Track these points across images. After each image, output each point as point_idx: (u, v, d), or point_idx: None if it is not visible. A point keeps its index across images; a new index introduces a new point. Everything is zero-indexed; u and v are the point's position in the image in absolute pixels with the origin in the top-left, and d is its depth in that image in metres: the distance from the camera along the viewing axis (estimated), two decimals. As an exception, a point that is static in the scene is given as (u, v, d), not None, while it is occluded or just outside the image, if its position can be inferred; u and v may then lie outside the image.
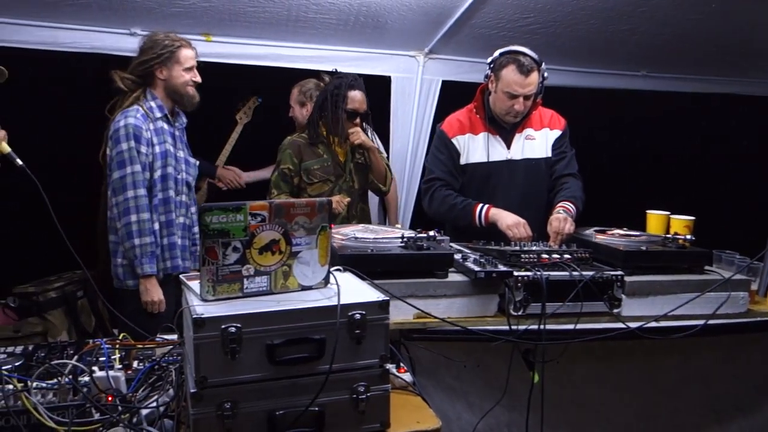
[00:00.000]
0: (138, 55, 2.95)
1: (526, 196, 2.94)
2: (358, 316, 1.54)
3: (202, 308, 1.48)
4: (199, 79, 2.99)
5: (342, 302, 1.53)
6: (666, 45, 4.02)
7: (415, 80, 4.17)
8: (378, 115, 4.13)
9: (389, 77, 4.17)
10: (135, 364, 1.83)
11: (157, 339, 2.14)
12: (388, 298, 1.59)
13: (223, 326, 1.44)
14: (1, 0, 3.11)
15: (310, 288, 1.66)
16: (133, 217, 2.79)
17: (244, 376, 1.48)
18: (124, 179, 2.79)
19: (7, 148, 2.26)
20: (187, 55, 2.95)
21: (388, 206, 4.09)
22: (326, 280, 1.68)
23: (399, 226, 2.79)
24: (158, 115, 2.92)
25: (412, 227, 3.42)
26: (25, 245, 3.61)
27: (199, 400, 1.45)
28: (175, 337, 2.13)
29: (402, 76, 4.18)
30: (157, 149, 2.88)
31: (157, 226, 2.88)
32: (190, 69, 2.95)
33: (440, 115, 4.18)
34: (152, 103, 2.92)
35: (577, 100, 4.22)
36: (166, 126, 2.95)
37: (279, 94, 3.90)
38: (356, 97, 3.35)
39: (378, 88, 4.17)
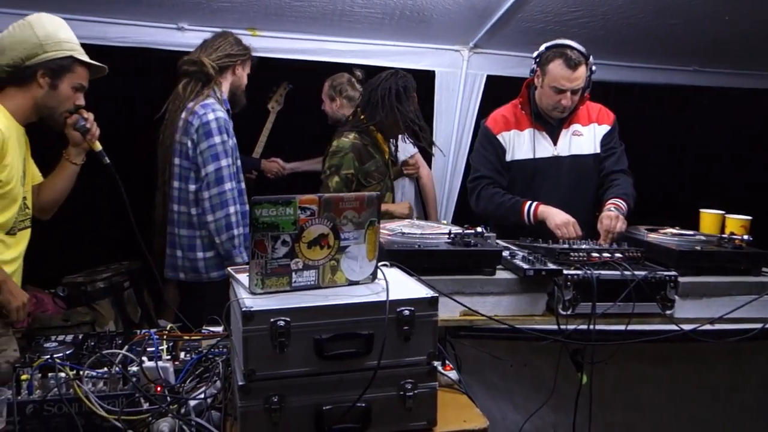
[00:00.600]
0: (219, 48, 2.95)
1: (572, 193, 2.88)
2: (406, 313, 1.52)
3: (251, 301, 1.48)
4: None
5: (391, 298, 1.51)
6: (719, 39, 3.89)
7: (459, 75, 4.12)
8: (421, 111, 4.12)
9: (433, 72, 4.12)
10: (182, 355, 1.85)
11: (203, 331, 2.16)
12: (437, 294, 1.57)
13: (272, 320, 1.44)
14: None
15: (357, 283, 1.65)
16: (232, 209, 2.81)
17: (292, 370, 1.47)
18: (220, 172, 2.79)
19: (98, 146, 2.32)
20: (251, 62, 3.06)
21: (426, 201, 4.05)
22: (374, 276, 1.67)
23: (445, 222, 2.75)
24: (227, 107, 2.95)
25: (454, 223, 3.39)
26: (74, 236, 3.68)
27: (247, 393, 1.45)
28: (220, 329, 2.15)
29: (446, 70, 4.13)
30: (232, 142, 2.90)
31: None
32: (247, 75, 3.06)
33: (484, 110, 4.13)
34: (223, 96, 2.95)
35: (626, 96, 4.13)
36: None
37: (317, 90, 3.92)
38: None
39: (422, 83, 4.13)
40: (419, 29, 3.80)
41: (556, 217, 2.67)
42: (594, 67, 2.81)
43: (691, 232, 2.59)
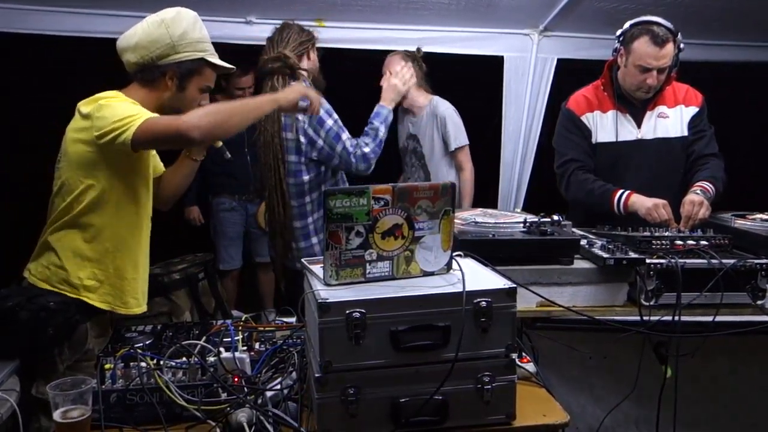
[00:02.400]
0: (287, 39, 2.92)
1: (658, 178, 2.73)
2: (484, 304, 1.48)
3: (326, 293, 1.48)
4: None
5: (467, 289, 1.48)
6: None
7: (528, 59, 4.02)
8: (491, 96, 4.04)
9: (502, 57, 4.03)
10: (257, 346, 1.86)
11: (277, 322, 2.17)
12: (515, 285, 1.53)
13: (347, 311, 1.43)
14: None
15: (432, 274, 1.62)
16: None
17: (368, 362, 1.46)
18: (346, 148, 2.79)
19: (220, 142, 2.36)
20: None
21: (462, 197, 3.88)
22: (449, 266, 1.64)
23: (517, 211, 2.69)
24: None
25: (525, 210, 3.31)
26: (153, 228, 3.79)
27: (324, 385, 1.45)
28: (293, 320, 2.17)
29: (515, 55, 4.04)
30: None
31: None
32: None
33: (555, 94, 4.03)
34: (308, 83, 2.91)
35: (712, 76, 3.93)
36: None
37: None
38: None
39: (490, 68, 4.07)
40: (487, 14, 3.72)
41: (647, 201, 2.53)
42: (682, 45, 2.66)
43: (783, 218, 2.44)
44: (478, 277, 1.60)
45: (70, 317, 1.96)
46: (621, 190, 2.63)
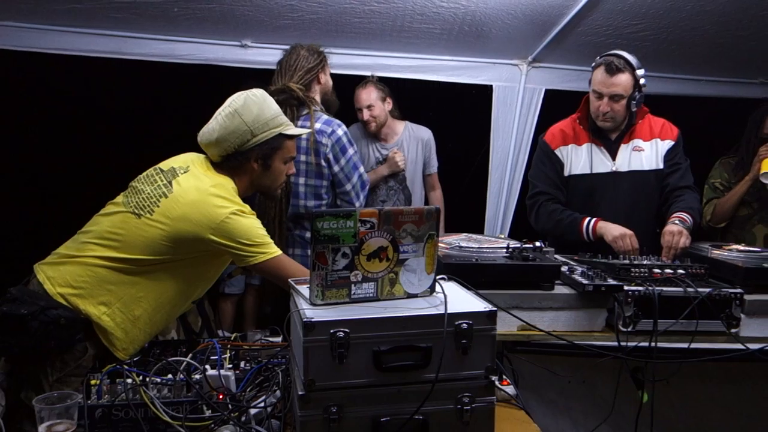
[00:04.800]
0: (295, 66, 2.98)
1: (632, 210, 2.82)
2: (464, 326, 1.53)
3: (311, 312, 1.51)
4: None
5: (449, 311, 1.52)
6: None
7: (517, 89, 4.11)
8: (479, 125, 4.12)
9: (491, 86, 4.12)
10: (242, 364, 1.89)
11: (263, 341, 2.21)
12: (495, 308, 1.57)
13: (332, 330, 1.46)
14: (125, 16, 3.30)
15: (415, 296, 1.66)
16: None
17: (351, 381, 1.49)
18: (361, 178, 2.95)
19: None
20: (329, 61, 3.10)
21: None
22: (432, 289, 1.68)
23: (502, 236, 2.74)
24: None
25: (510, 236, 3.37)
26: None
27: (307, 403, 1.48)
28: (279, 339, 2.20)
29: (504, 85, 4.11)
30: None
31: None
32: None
33: (543, 124, 4.11)
34: (323, 108, 3.00)
35: (691, 109, 4.04)
36: None
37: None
38: None
39: (479, 97, 4.15)
40: (477, 44, 3.81)
41: (614, 230, 2.64)
42: (644, 80, 2.75)
43: (757, 249, 2.51)
44: (460, 299, 1.64)
45: (75, 334, 1.98)
46: (588, 218, 2.74)
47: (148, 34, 3.50)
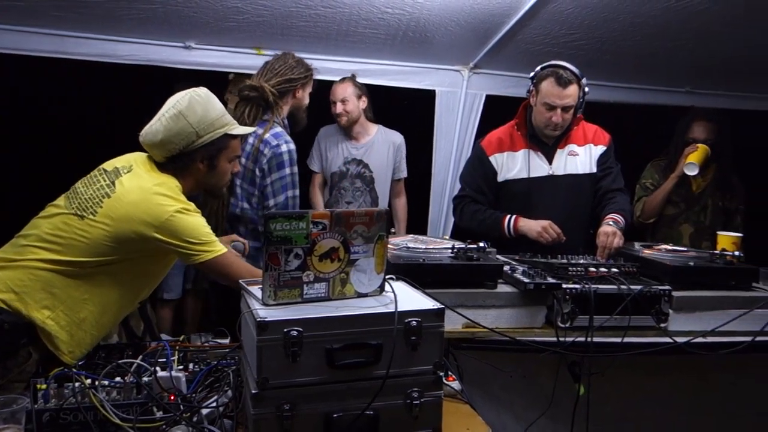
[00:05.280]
0: (278, 71, 2.97)
1: (569, 212, 2.94)
2: (414, 323, 1.58)
3: (264, 312, 1.54)
4: None
5: (399, 309, 1.58)
6: (712, 62, 3.99)
7: (459, 94, 4.21)
8: (423, 129, 4.20)
9: (434, 91, 4.21)
10: (190, 366, 1.90)
11: (210, 343, 2.21)
12: (443, 306, 1.64)
13: (285, 330, 1.50)
14: (67, 15, 3.24)
15: (366, 295, 1.71)
16: None
17: (304, 378, 1.53)
18: (286, 203, 2.83)
19: None
20: (313, 82, 3.09)
21: (401, 215, 4.16)
22: (381, 288, 1.73)
23: (446, 237, 2.82)
24: (288, 130, 2.98)
25: (452, 237, 3.46)
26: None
27: (260, 401, 1.50)
28: (227, 341, 2.21)
29: (446, 90, 4.22)
30: (298, 172, 2.94)
31: None
32: (310, 94, 3.08)
33: (483, 128, 4.23)
34: (284, 119, 2.96)
35: (622, 116, 4.22)
36: None
37: (323, 106, 3.99)
38: None
39: (423, 102, 4.23)
40: (421, 50, 3.88)
41: (534, 226, 2.79)
42: (587, 89, 2.89)
43: (684, 248, 2.66)
44: (408, 298, 1.70)
45: (19, 339, 1.94)
46: (509, 215, 2.88)
47: (89, 33, 3.43)
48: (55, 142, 4.27)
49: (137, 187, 2.03)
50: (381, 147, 3.94)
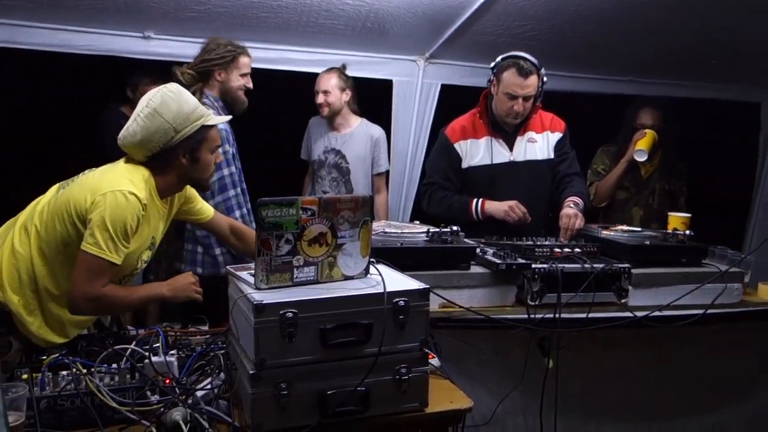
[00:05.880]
0: (200, 54, 3.03)
1: (529, 196, 3.05)
2: (401, 303, 1.66)
3: (260, 295, 1.59)
4: (251, 85, 3.11)
5: (388, 290, 1.65)
6: (656, 52, 4.19)
7: (415, 84, 4.30)
8: (380, 118, 4.27)
9: (391, 81, 4.29)
10: (176, 352, 1.93)
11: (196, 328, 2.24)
12: (428, 287, 1.72)
13: (281, 312, 1.56)
14: (18, 3, 3.17)
15: (352, 278, 1.79)
16: (237, 213, 2.90)
17: (299, 358, 1.59)
18: (222, 180, 2.86)
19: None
20: (244, 62, 3.07)
21: (380, 210, 4.15)
22: (366, 271, 1.81)
23: (417, 222, 2.90)
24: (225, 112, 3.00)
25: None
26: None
27: (258, 381, 1.56)
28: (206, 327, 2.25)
29: (403, 80, 4.30)
30: (232, 150, 2.97)
31: None
32: (245, 75, 3.07)
33: (439, 117, 4.34)
34: (213, 103, 2.97)
35: (573, 104, 4.39)
36: None
37: (281, 96, 4.01)
38: None
39: (380, 91, 4.30)
40: (379, 40, 3.95)
41: (501, 206, 2.90)
42: (545, 78, 3.01)
43: (639, 229, 2.82)
44: (393, 280, 1.78)
45: None
46: (476, 199, 2.99)
47: (43, 23, 3.37)
48: (6, 136, 4.16)
49: (107, 168, 2.09)
50: (359, 139, 3.94)
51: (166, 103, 2.07)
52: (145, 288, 2.18)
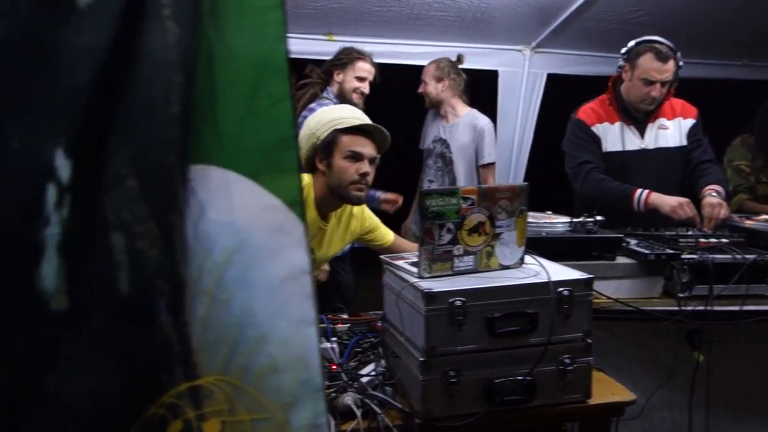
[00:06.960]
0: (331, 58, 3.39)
1: (659, 185, 2.93)
2: (566, 292, 1.64)
3: (428, 284, 1.60)
4: (367, 90, 3.32)
5: (551, 279, 1.64)
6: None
7: (521, 74, 4.25)
8: (486, 109, 4.24)
9: (496, 71, 4.25)
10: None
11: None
12: (592, 276, 1.69)
13: (450, 300, 1.56)
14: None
15: (508, 267, 1.78)
16: None
17: (467, 346, 1.59)
18: None
19: None
20: (362, 67, 3.31)
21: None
22: (521, 260, 1.80)
23: (549, 212, 2.83)
24: None
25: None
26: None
27: (428, 368, 1.57)
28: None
29: (508, 70, 4.26)
30: None
31: None
32: (361, 79, 3.30)
33: (545, 107, 4.27)
34: (333, 100, 3.23)
35: (697, 92, 4.21)
36: None
37: (389, 90, 4.02)
38: None
39: (486, 82, 4.27)
40: (485, 30, 3.93)
41: (670, 200, 2.73)
42: (681, 62, 2.91)
43: (785, 218, 2.69)
44: (553, 270, 1.75)
45: None
46: (640, 189, 2.82)
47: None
48: None
49: None
50: (464, 129, 3.87)
51: (315, 112, 2.27)
52: None
